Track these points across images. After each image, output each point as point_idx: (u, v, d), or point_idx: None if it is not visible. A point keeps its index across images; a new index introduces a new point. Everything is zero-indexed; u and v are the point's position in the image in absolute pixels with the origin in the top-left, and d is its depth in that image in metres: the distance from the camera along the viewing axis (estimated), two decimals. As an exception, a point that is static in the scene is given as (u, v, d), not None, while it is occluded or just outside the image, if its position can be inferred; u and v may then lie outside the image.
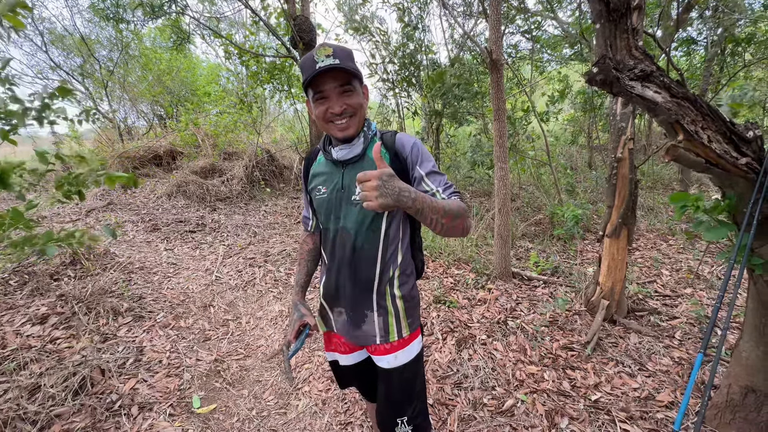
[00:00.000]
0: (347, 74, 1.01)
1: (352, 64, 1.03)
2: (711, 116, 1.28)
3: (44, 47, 9.09)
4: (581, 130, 8.16)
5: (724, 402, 1.70)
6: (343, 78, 1.01)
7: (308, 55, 1.02)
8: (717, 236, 1.34)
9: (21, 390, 1.97)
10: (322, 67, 0.97)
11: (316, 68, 0.98)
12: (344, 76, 1.01)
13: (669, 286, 3.19)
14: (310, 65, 0.99)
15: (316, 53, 0.99)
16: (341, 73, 1.00)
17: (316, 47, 1.00)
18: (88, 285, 3.00)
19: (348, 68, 1.00)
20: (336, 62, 0.97)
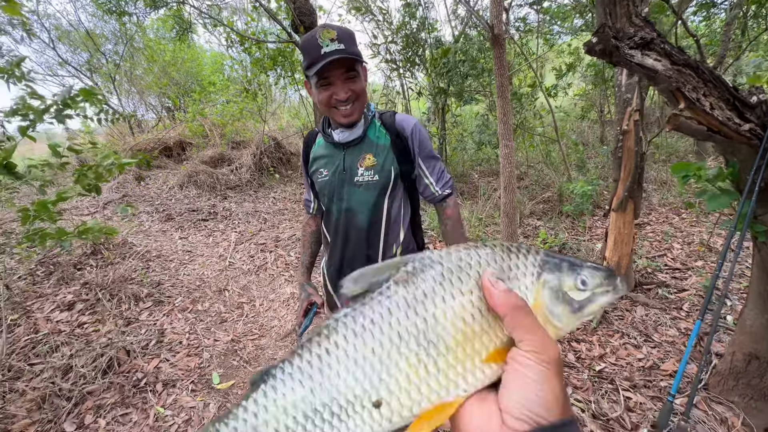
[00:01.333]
0: (352, 60, 1.01)
1: (356, 48, 1.03)
2: (713, 83, 1.26)
3: (52, 44, 9.19)
4: (592, 105, 7.93)
5: (728, 369, 1.72)
6: (349, 64, 1.02)
7: (311, 36, 1.00)
8: (720, 205, 1.33)
9: (55, 370, 2.12)
10: (327, 53, 0.96)
11: (321, 53, 0.97)
12: (350, 62, 1.01)
13: (680, 260, 3.16)
14: (314, 49, 0.98)
15: (319, 36, 0.98)
16: (347, 59, 1.00)
17: (318, 28, 0.99)
18: (110, 273, 3.14)
19: (354, 55, 1.00)
20: (341, 47, 0.97)
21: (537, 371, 0.30)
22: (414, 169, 1.18)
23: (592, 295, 0.35)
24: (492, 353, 0.34)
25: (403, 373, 0.33)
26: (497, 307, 0.32)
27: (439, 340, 0.33)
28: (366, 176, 1.14)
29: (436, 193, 1.21)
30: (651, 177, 5.29)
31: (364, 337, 0.34)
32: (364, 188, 1.15)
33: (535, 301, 0.35)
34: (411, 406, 0.33)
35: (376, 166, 1.13)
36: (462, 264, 0.35)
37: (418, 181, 1.22)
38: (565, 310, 0.35)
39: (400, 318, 0.34)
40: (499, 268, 0.35)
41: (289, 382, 0.35)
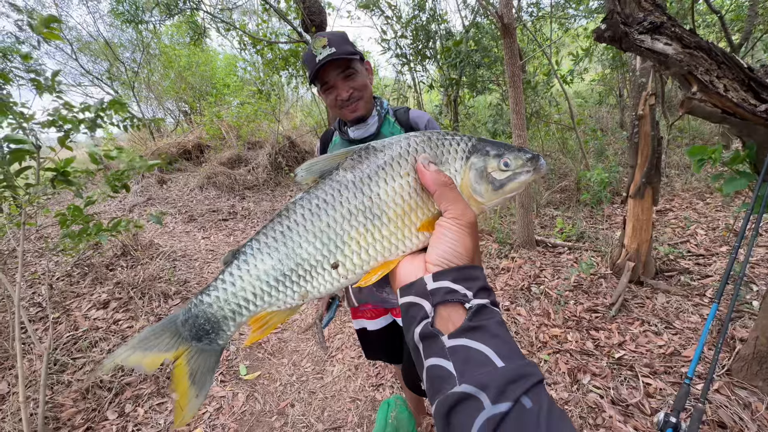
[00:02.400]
0: (346, 59, 1.07)
1: (349, 47, 1.08)
2: (727, 64, 1.24)
3: (74, 55, 9.57)
4: (611, 89, 7.70)
5: (752, 354, 1.70)
6: (344, 64, 1.07)
7: (307, 51, 1.09)
8: (736, 187, 1.32)
9: (95, 363, 2.27)
10: (321, 60, 1.03)
11: (316, 62, 1.04)
12: (344, 62, 1.07)
13: (703, 245, 3.08)
14: (311, 61, 1.06)
15: (313, 47, 1.06)
16: (341, 60, 1.06)
17: (312, 41, 1.06)
18: (140, 273, 3.31)
19: (345, 54, 1.05)
20: (332, 51, 1.03)
21: (455, 231, 0.39)
22: None
23: (513, 174, 0.42)
24: (424, 222, 0.42)
25: (354, 241, 0.41)
26: (428, 185, 0.41)
27: (382, 214, 0.41)
28: None
29: None
30: (674, 162, 5.13)
31: (320, 214, 0.41)
32: None
33: (462, 181, 0.42)
34: (362, 265, 0.42)
35: None
36: (401, 151, 0.42)
37: None
38: (488, 188, 0.42)
39: (350, 197, 0.41)
40: (433, 154, 0.42)
41: (258, 255, 0.42)
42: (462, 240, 0.39)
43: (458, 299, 0.37)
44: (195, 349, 0.44)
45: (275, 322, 0.44)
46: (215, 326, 0.44)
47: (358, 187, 0.41)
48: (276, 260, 0.42)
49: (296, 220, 0.42)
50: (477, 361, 0.33)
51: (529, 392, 0.31)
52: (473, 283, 0.38)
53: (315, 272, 0.42)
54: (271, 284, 0.42)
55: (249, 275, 0.42)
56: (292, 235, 0.41)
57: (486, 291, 0.38)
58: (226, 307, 0.43)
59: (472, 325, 0.35)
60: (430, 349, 0.36)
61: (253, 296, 0.42)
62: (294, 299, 0.43)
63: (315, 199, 0.42)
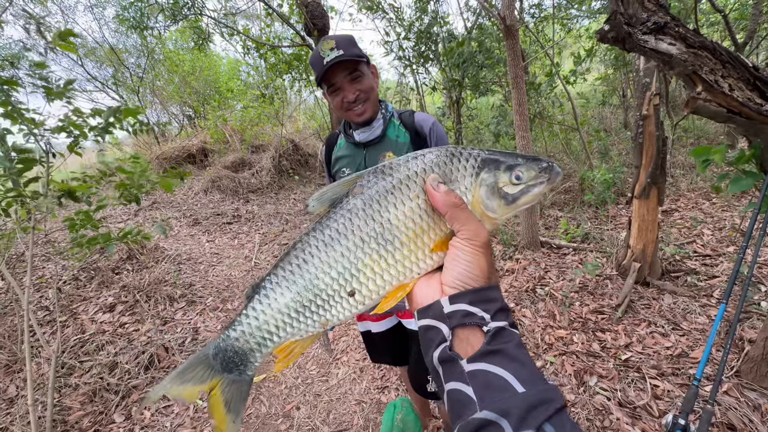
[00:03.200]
0: (354, 62, 1.08)
1: (356, 50, 1.09)
2: (732, 63, 1.23)
3: (80, 61, 9.69)
4: (614, 90, 7.68)
5: (761, 355, 1.68)
6: (351, 66, 1.08)
7: (314, 53, 1.09)
8: (742, 187, 1.31)
9: (102, 367, 2.29)
10: (328, 62, 1.04)
11: (323, 64, 1.05)
12: (351, 65, 1.08)
13: (710, 246, 3.06)
14: (318, 62, 1.07)
15: (320, 49, 1.07)
16: (348, 62, 1.07)
17: (319, 43, 1.08)
18: (145, 276, 3.33)
19: (353, 56, 1.06)
20: (340, 53, 1.04)
21: (469, 253, 0.39)
22: None
23: (526, 187, 0.40)
24: (437, 243, 0.41)
25: (368, 268, 0.41)
26: (438, 207, 0.40)
27: (394, 239, 0.41)
28: None
29: None
30: (679, 162, 5.10)
31: (333, 244, 0.42)
32: None
33: (473, 198, 0.41)
34: (378, 290, 0.42)
35: None
36: (409, 173, 0.41)
37: None
38: (500, 203, 0.41)
39: (361, 225, 0.41)
40: (442, 172, 0.41)
41: (278, 288, 0.43)
42: (477, 261, 0.39)
43: (476, 322, 0.37)
44: (227, 380, 0.46)
45: (299, 351, 0.46)
46: (243, 358, 0.46)
47: (369, 214, 0.41)
48: (295, 293, 0.43)
49: (311, 252, 0.42)
50: (497, 387, 0.33)
51: (551, 419, 0.31)
52: (491, 305, 0.38)
53: (333, 301, 0.43)
54: (292, 316, 0.43)
55: (270, 309, 0.44)
56: (308, 267, 0.42)
57: (504, 312, 0.38)
58: (251, 340, 0.45)
59: (491, 349, 0.35)
60: (450, 374, 0.36)
61: (276, 328, 0.44)
62: (315, 328, 0.44)
63: (327, 230, 0.42)
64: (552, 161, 0.42)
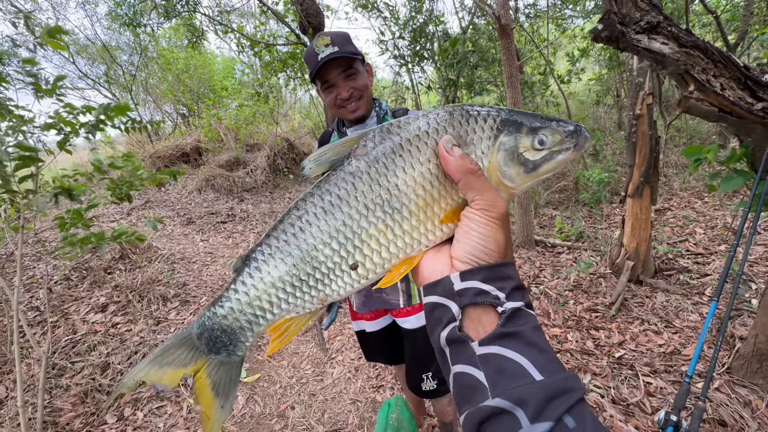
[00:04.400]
0: (348, 59, 1.07)
1: (351, 47, 1.09)
2: (723, 63, 1.24)
3: (71, 59, 9.55)
4: (608, 89, 7.73)
5: (751, 352, 1.70)
6: (345, 63, 1.08)
7: (309, 48, 1.08)
8: (733, 185, 1.32)
9: (94, 367, 2.26)
10: (323, 58, 1.03)
11: (318, 60, 1.04)
12: (346, 62, 1.07)
13: (702, 244, 3.09)
14: (313, 58, 1.06)
15: (315, 45, 1.05)
16: (343, 59, 1.06)
17: (315, 39, 1.06)
18: (138, 276, 3.30)
19: (347, 53, 1.05)
20: (335, 50, 1.03)
21: (484, 225, 0.35)
22: None
23: (549, 153, 0.36)
24: (448, 213, 0.37)
25: (373, 239, 0.37)
26: (451, 173, 0.36)
27: (402, 207, 0.37)
28: None
29: None
30: (671, 161, 5.15)
31: (334, 212, 0.37)
32: None
33: (490, 164, 0.37)
34: (383, 264, 0.38)
35: None
36: (420, 133, 0.37)
37: None
38: (519, 171, 0.37)
39: (365, 191, 0.37)
40: (456, 133, 0.37)
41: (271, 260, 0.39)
42: (492, 234, 0.35)
43: (490, 302, 0.33)
44: (214, 362, 0.43)
45: (295, 329, 0.42)
46: (232, 338, 0.42)
47: (374, 179, 0.37)
48: (290, 265, 0.39)
49: (308, 219, 0.38)
50: (511, 373, 0.30)
51: (571, 410, 0.28)
52: (506, 282, 0.34)
53: (333, 275, 0.39)
54: (287, 291, 0.39)
55: (263, 283, 0.40)
56: (306, 237, 0.38)
57: (520, 291, 0.35)
58: (241, 318, 0.41)
59: (506, 332, 0.32)
60: (459, 356, 0.33)
61: (269, 304, 0.40)
62: (313, 304, 0.40)
63: (327, 195, 0.38)
64: (581, 124, 0.38)
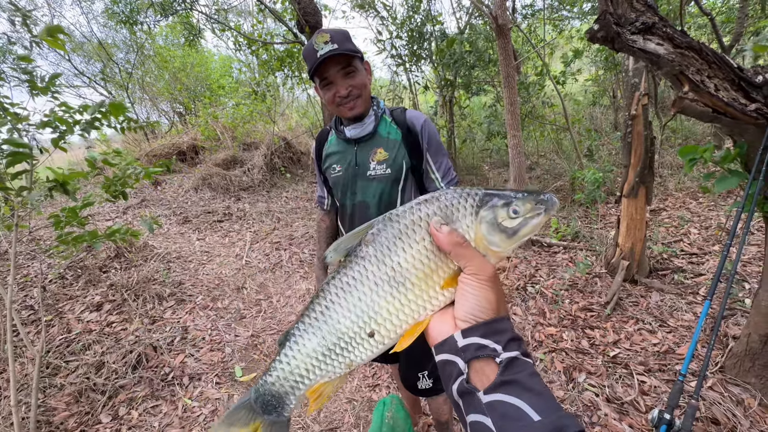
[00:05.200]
0: (347, 56, 1.07)
1: (350, 45, 1.08)
2: (717, 64, 1.25)
3: (67, 56, 9.48)
4: (604, 90, 7.77)
5: (744, 351, 1.72)
6: (345, 61, 1.07)
7: (308, 45, 1.07)
8: (727, 185, 1.33)
9: (89, 366, 2.25)
10: (322, 55, 1.03)
11: (317, 56, 1.04)
12: (345, 59, 1.07)
13: (696, 244, 3.12)
14: (312, 55, 1.05)
15: (314, 42, 1.05)
16: (342, 57, 1.06)
17: (314, 36, 1.06)
18: (134, 275, 3.28)
19: (347, 51, 1.05)
20: (334, 47, 1.03)
21: (476, 287, 0.41)
22: (423, 163, 1.22)
23: (524, 220, 0.43)
24: (447, 280, 0.44)
25: (384, 309, 0.45)
26: (443, 247, 0.43)
27: (405, 281, 0.44)
28: (378, 170, 1.18)
29: (440, 189, 1.24)
30: (667, 162, 5.18)
31: (351, 291, 0.45)
32: (377, 181, 1.19)
33: (476, 235, 0.43)
34: (395, 329, 0.45)
35: (388, 159, 1.17)
36: (414, 218, 0.45)
37: (424, 176, 1.25)
38: (501, 237, 0.43)
39: (374, 270, 0.45)
40: (443, 215, 0.44)
41: (305, 335, 0.48)
42: (484, 294, 0.41)
43: (488, 354, 0.38)
44: (268, 422, 0.52)
45: (329, 391, 0.50)
46: (280, 401, 0.51)
47: (380, 260, 0.44)
48: (320, 338, 0.47)
49: (331, 299, 0.46)
50: (513, 416, 0.34)
51: None
52: (501, 336, 0.39)
53: (355, 343, 0.46)
54: (320, 359, 0.47)
55: (300, 354, 0.48)
56: (330, 313, 0.46)
57: (515, 342, 0.39)
58: (285, 384, 0.50)
59: (505, 380, 0.36)
60: (470, 406, 0.38)
61: (306, 372, 0.49)
62: (341, 369, 0.48)
63: (344, 277, 0.46)
64: (548, 193, 0.44)
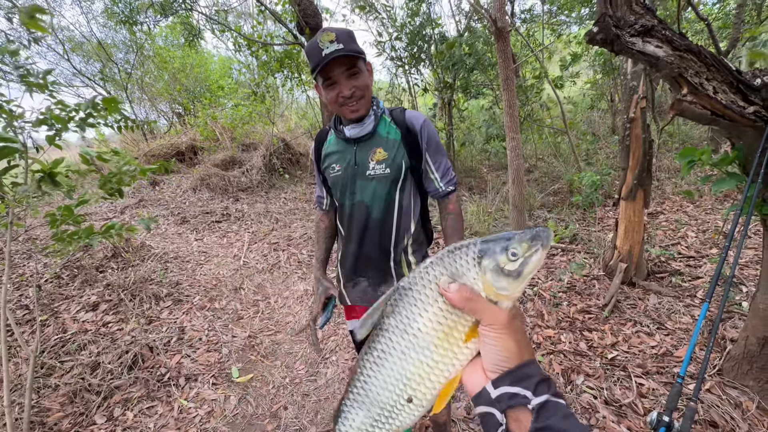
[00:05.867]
0: (353, 58, 1.06)
1: (355, 46, 1.08)
2: (716, 67, 1.26)
3: (66, 55, 9.46)
4: (602, 94, 7.81)
5: (742, 353, 1.72)
6: (349, 62, 1.07)
7: (312, 42, 1.06)
8: (725, 187, 1.34)
9: (84, 367, 2.23)
10: (328, 54, 1.02)
11: (322, 56, 1.03)
12: (350, 60, 1.06)
13: (694, 247, 3.12)
14: (317, 53, 1.04)
15: (319, 40, 1.04)
16: (347, 58, 1.05)
17: (318, 33, 1.05)
18: (131, 275, 3.26)
19: (352, 52, 1.05)
20: (340, 47, 1.02)
21: (494, 338, 0.43)
22: (422, 163, 1.22)
23: (525, 260, 0.44)
24: (468, 333, 0.46)
25: (415, 375, 0.47)
26: (456, 304, 0.44)
27: (429, 344, 0.46)
28: (377, 170, 1.18)
29: (440, 189, 1.24)
30: (664, 165, 5.21)
31: (383, 363, 0.49)
32: (376, 181, 1.19)
33: (484, 285, 0.45)
34: (431, 390, 0.48)
35: (387, 159, 1.17)
36: (424, 282, 0.47)
37: (424, 176, 1.25)
38: (508, 281, 0.44)
39: (399, 341, 0.48)
40: (449, 273, 0.46)
41: (352, 410, 0.53)
42: (504, 344, 0.42)
43: (520, 402, 0.40)
44: None
45: None
46: None
47: (402, 329, 0.47)
48: (366, 411, 0.51)
49: (368, 374, 0.50)
50: None
51: None
52: (529, 381, 0.41)
53: (396, 410, 0.49)
54: (369, 430, 0.52)
55: (352, 428, 0.52)
56: (370, 387, 0.50)
57: (545, 383, 0.41)
58: None
59: (539, 427, 0.38)
60: None
61: None
62: None
63: (375, 351, 0.49)
64: (540, 228, 0.46)
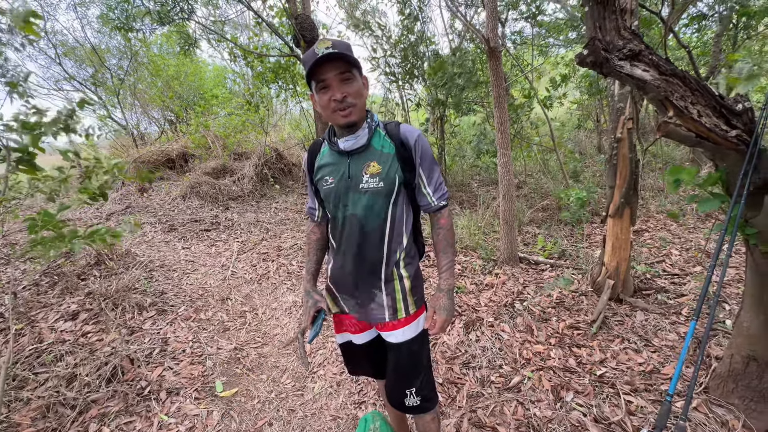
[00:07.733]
0: (346, 62, 1.08)
1: (351, 54, 1.10)
2: (700, 91, 1.31)
3: (58, 59, 9.36)
4: (588, 115, 8.06)
5: (727, 372, 1.74)
6: (343, 66, 1.08)
7: (309, 51, 1.08)
8: (709, 207, 1.38)
9: (59, 379, 2.13)
10: (320, 53, 1.04)
11: (316, 58, 1.05)
12: (344, 64, 1.08)
13: (678, 265, 3.19)
14: (311, 57, 1.06)
15: (316, 47, 1.06)
16: (340, 61, 1.07)
17: (316, 42, 1.07)
18: (113, 283, 3.17)
19: (346, 55, 1.06)
20: (335, 51, 1.04)
21: None
22: (416, 177, 1.23)
23: None
24: None
25: None
26: None
27: None
28: (371, 183, 1.18)
29: (432, 204, 1.25)
30: (648, 185, 5.35)
31: None
32: (369, 195, 1.19)
33: None
34: None
35: (381, 173, 1.17)
36: None
37: (416, 190, 1.26)
38: None
39: None
40: None
41: None
42: None
43: None
44: None
45: None
46: None
47: None
48: None
49: None
50: None
51: None
52: None
53: None
54: None
55: None
56: None
57: None
58: None
59: None
60: None
61: None
62: None
63: None
64: None
